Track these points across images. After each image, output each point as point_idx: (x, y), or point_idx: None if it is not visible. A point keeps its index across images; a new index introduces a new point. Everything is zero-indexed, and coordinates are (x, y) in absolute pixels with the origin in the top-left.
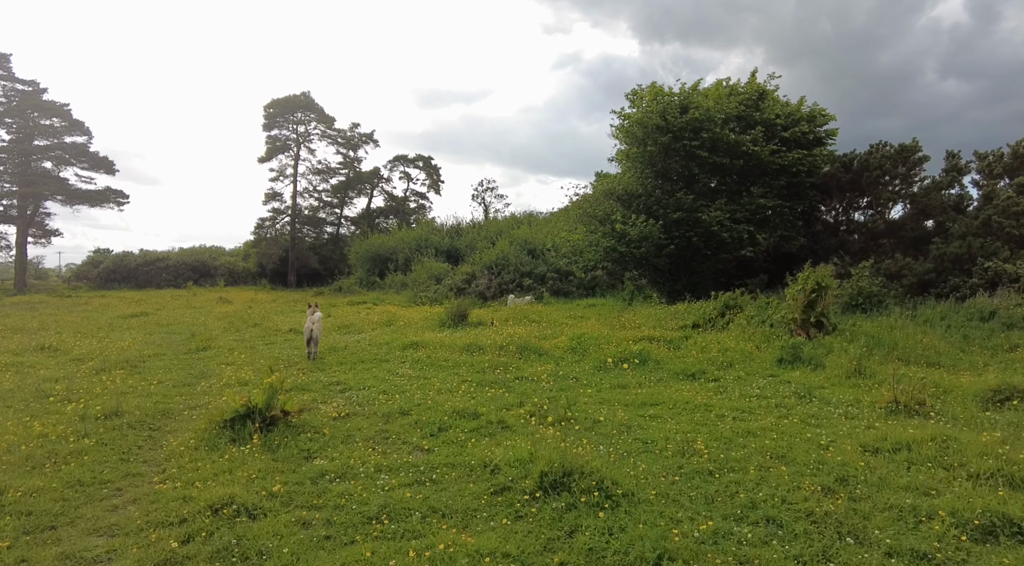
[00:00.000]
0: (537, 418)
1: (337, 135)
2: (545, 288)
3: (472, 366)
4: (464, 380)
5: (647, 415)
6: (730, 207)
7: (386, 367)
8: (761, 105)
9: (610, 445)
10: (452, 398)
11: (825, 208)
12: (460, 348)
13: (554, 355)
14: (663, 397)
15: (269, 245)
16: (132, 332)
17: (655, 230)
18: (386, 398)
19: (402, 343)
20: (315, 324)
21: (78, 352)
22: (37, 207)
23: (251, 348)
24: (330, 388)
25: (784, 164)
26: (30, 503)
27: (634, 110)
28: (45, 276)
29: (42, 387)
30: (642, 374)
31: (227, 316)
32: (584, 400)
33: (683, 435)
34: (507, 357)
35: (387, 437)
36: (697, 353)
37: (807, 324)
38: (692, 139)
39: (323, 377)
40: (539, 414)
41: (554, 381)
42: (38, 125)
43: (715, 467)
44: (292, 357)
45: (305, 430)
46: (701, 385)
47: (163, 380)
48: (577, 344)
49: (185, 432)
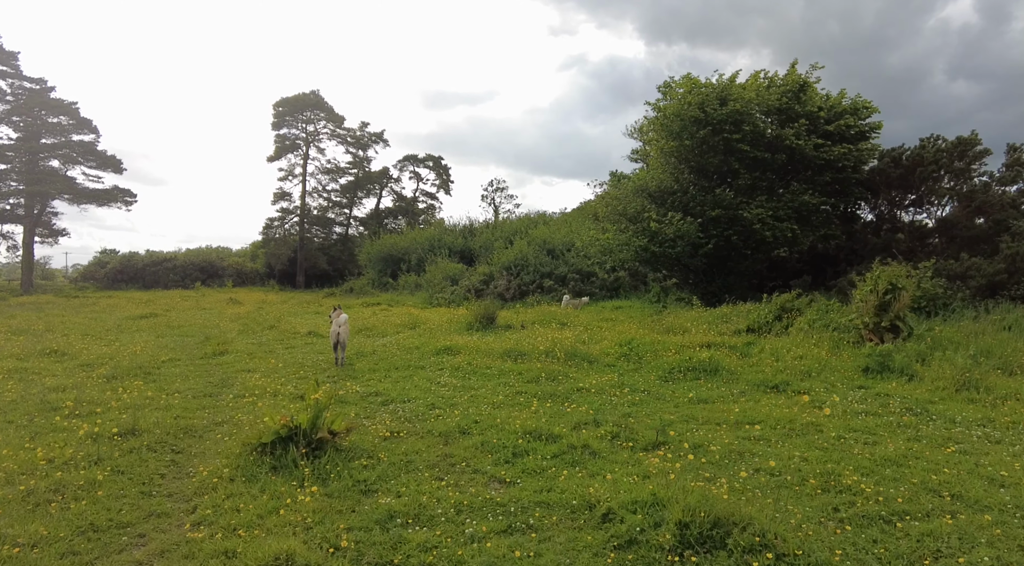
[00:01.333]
0: (624, 440)
1: (346, 134)
2: (567, 290)
3: (520, 375)
4: (517, 391)
5: (751, 437)
6: (771, 204)
7: (424, 375)
8: (802, 97)
9: (731, 478)
10: (513, 414)
11: (866, 205)
12: (499, 354)
13: (605, 362)
14: (759, 414)
15: (278, 245)
16: (142, 334)
17: (692, 228)
18: (437, 413)
19: (433, 348)
20: (341, 327)
21: (86, 357)
22: (44, 206)
23: (270, 352)
24: (369, 400)
25: (829, 159)
26: (31, 560)
27: (668, 102)
28: (52, 276)
29: (48, 398)
30: (718, 386)
31: (240, 318)
32: (668, 417)
33: (819, 465)
34: (556, 364)
35: (453, 464)
36: (771, 361)
37: (880, 329)
38: (733, 132)
39: (357, 387)
40: (625, 436)
41: (620, 394)
42: (45, 123)
43: (885, 511)
44: (318, 363)
45: (356, 454)
46: (790, 399)
47: (181, 390)
48: (629, 350)
49: (214, 456)
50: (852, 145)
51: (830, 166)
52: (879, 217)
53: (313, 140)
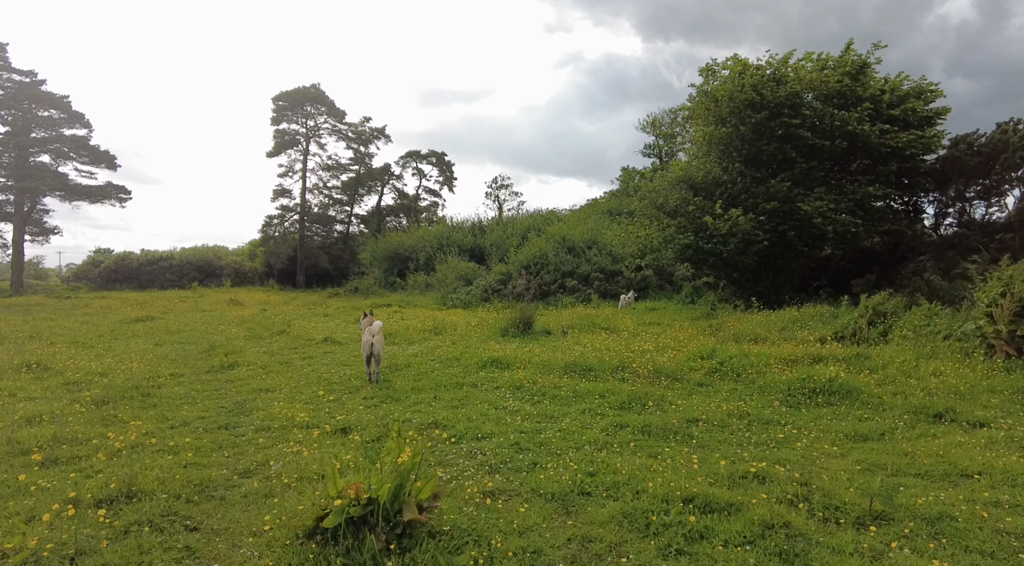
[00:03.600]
0: (821, 509)
1: (348, 129)
2: (592, 289)
3: (603, 399)
4: (615, 424)
5: (985, 500)
6: (830, 196)
7: (482, 397)
8: (861, 79)
9: None
10: (635, 461)
11: (928, 197)
12: (560, 369)
13: (694, 380)
14: (960, 459)
15: (277, 244)
16: (138, 342)
17: (749, 223)
18: (531, 459)
19: (477, 360)
20: (375, 337)
21: (73, 373)
22: (35, 203)
23: (286, 364)
24: (431, 435)
25: (896, 146)
26: None
27: (715, 84)
28: (45, 276)
29: (17, 436)
30: (865, 413)
31: (244, 321)
32: (839, 470)
33: None
34: (642, 384)
35: (599, 556)
36: (903, 379)
37: (1017, 338)
38: (792, 116)
39: (408, 413)
40: (820, 503)
41: (751, 428)
42: (36, 117)
43: None
44: (346, 379)
45: (459, 540)
46: (971, 433)
47: (188, 420)
48: (718, 364)
49: (245, 534)
50: (920, 131)
51: (896, 154)
52: (940, 211)
53: (313, 135)
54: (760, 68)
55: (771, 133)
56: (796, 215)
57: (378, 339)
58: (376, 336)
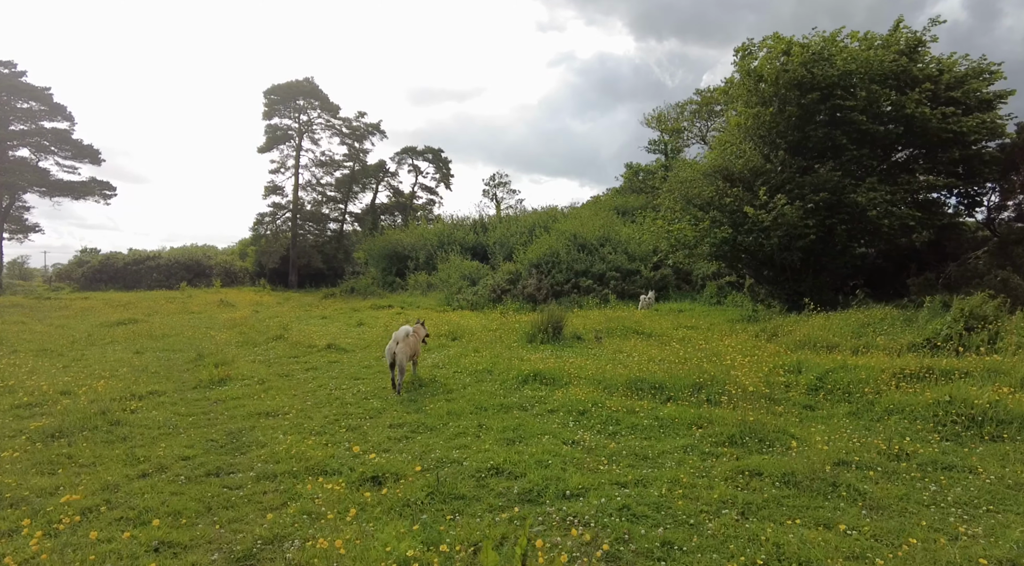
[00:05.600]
0: None
1: (342, 125)
2: (608, 289)
3: (704, 431)
4: (736, 469)
5: None
6: (884, 186)
7: (540, 426)
8: (916, 58)
9: None
10: (806, 536)
11: (981, 189)
12: (622, 386)
13: (792, 400)
14: None
15: (269, 242)
16: (116, 349)
17: (796, 212)
18: (660, 537)
19: (516, 373)
20: (399, 344)
21: (26, 392)
22: (13, 200)
23: (287, 376)
24: (495, 490)
25: (959, 131)
26: None
27: (757, 62)
28: (30, 276)
29: None
30: None
31: (236, 324)
32: None
33: None
34: (741, 408)
35: None
36: None
37: None
38: (845, 98)
39: (450, 449)
40: None
41: (927, 477)
42: (14, 109)
43: None
44: (361, 396)
45: None
46: None
47: (165, 459)
48: (817, 382)
49: None
50: (983, 115)
51: (957, 141)
52: (998, 203)
53: (306, 130)
54: (806, 46)
55: (817, 117)
56: (846, 207)
57: (401, 348)
58: (399, 344)
